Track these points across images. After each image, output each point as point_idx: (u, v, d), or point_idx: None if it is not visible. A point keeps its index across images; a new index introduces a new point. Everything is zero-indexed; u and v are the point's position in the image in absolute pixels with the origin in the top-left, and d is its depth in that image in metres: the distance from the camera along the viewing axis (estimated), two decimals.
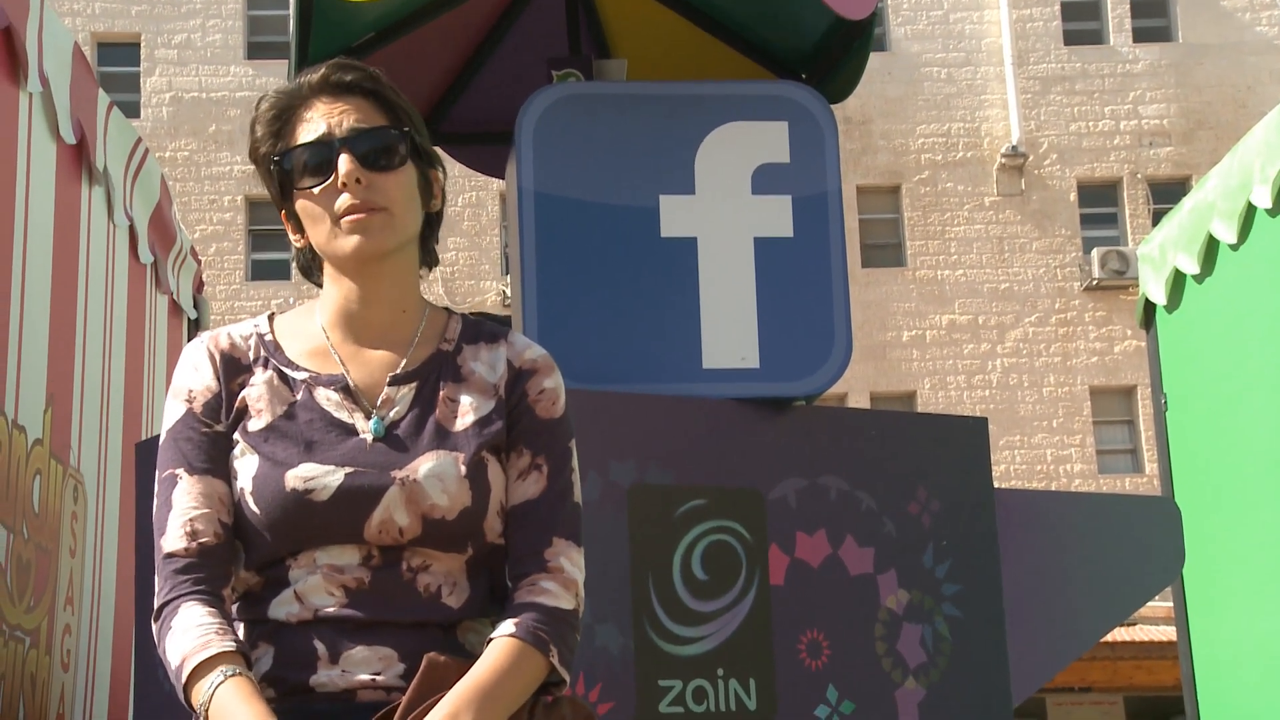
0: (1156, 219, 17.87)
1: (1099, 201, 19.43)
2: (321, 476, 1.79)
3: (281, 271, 18.77)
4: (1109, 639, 13.97)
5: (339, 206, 1.83)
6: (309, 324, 1.92)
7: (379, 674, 1.76)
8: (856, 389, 17.98)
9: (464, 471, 1.81)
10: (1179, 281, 5.19)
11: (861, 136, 19.17)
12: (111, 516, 4.56)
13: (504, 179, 3.65)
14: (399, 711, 1.69)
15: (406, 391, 1.87)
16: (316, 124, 1.85)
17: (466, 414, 1.86)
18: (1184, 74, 19.61)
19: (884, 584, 3.28)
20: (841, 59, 3.66)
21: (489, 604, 1.85)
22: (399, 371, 1.88)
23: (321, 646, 1.77)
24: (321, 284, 1.94)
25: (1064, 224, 19.15)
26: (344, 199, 1.82)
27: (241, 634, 1.82)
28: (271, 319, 1.95)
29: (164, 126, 18.93)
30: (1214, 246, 4.89)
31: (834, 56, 3.67)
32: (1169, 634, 13.56)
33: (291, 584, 1.80)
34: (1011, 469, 18.08)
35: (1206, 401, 5.04)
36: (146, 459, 3.27)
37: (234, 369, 1.88)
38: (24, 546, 3.69)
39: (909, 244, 19.11)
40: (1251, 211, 4.61)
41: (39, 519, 3.82)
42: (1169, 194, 18.46)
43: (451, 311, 1.98)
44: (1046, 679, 3.50)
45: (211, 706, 1.69)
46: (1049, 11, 19.82)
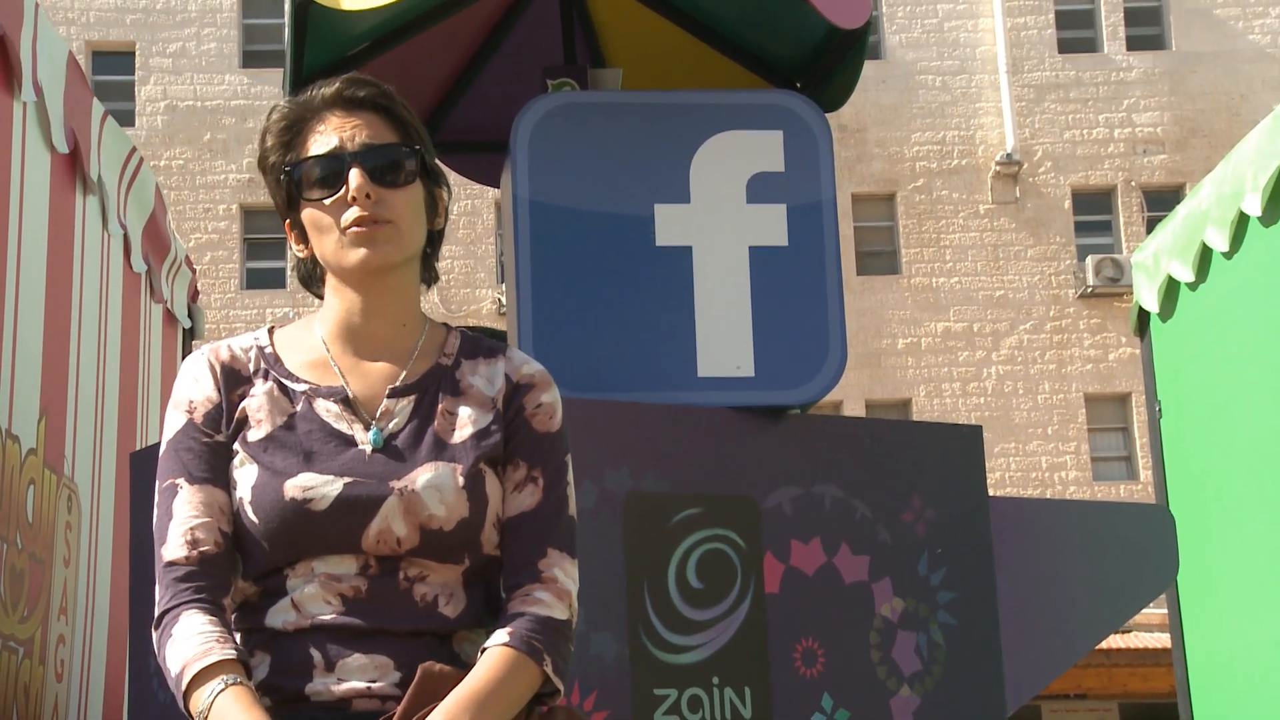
0: (1150, 226, 17.88)
1: (1093, 209, 19.47)
2: (320, 486, 1.80)
3: (276, 280, 18.78)
4: (1104, 646, 13.99)
5: (347, 219, 1.85)
6: (308, 336, 1.94)
7: (375, 682, 1.76)
8: (851, 397, 18.00)
9: (462, 483, 1.82)
10: (1173, 289, 5.19)
11: (856, 145, 19.20)
12: (106, 526, 4.55)
13: (499, 188, 3.65)
14: None
15: (405, 404, 1.88)
16: (329, 137, 1.87)
17: (464, 426, 1.87)
18: (1178, 82, 19.66)
19: (879, 592, 3.28)
20: (836, 67, 3.67)
21: (485, 615, 1.86)
22: (398, 384, 1.89)
23: (318, 655, 1.78)
24: (320, 295, 1.96)
25: (1058, 231, 19.18)
26: (352, 211, 1.85)
27: (239, 642, 1.82)
28: (271, 332, 1.97)
29: (158, 135, 18.93)
30: (1207, 254, 4.90)
31: (828, 65, 3.68)
32: (1163, 641, 13.57)
33: (289, 593, 1.81)
34: (1006, 476, 18.10)
35: (1201, 409, 5.05)
36: (141, 469, 3.27)
37: (234, 380, 1.90)
38: (18, 556, 3.69)
39: (904, 252, 19.13)
40: (1244, 219, 4.62)
41: (33, 529, 3.82)
42: (1163, 201, 18.50)
43: (450, 327, 1.99)
44: (1041, 686, 3.50)
45: (211, 714, 1.70)
46: (1043, 20, 19.87)
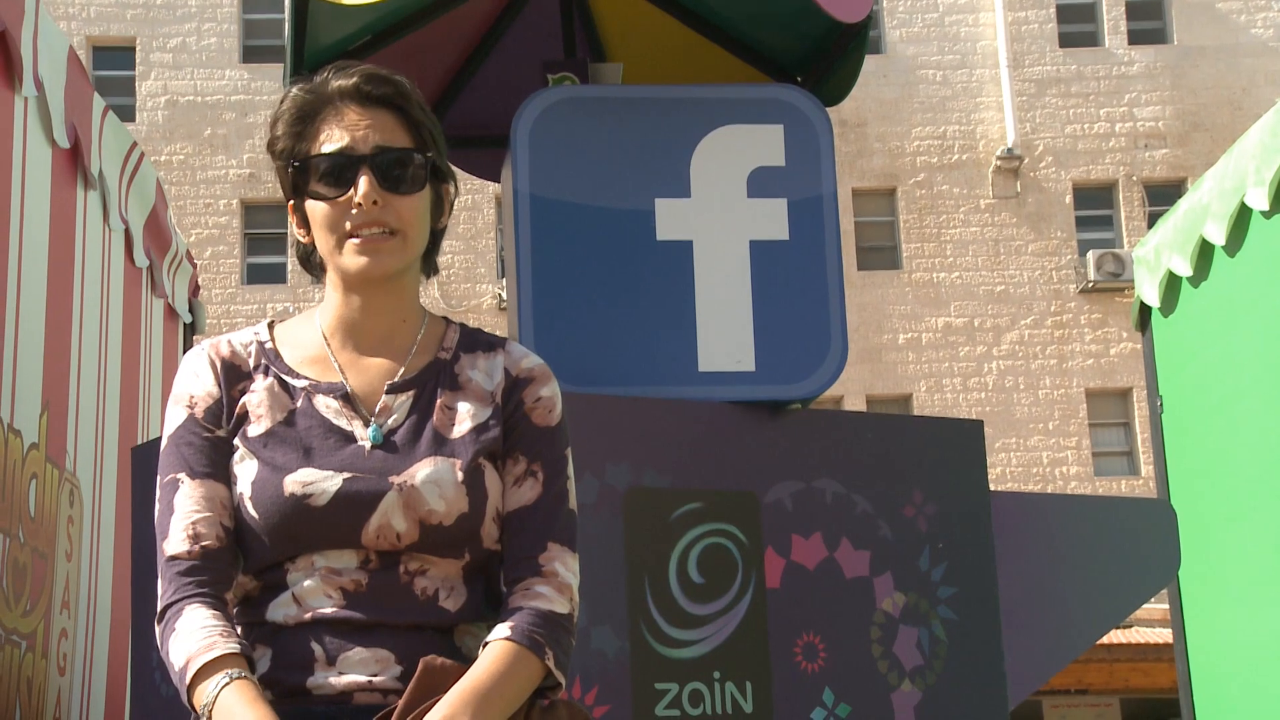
0: (1152, 221, 17.88)
1: (1094, 204, 19.44)
2: (320, 482, 1.80)
3: (277, 275, 18.77)
4: (1105, 641, 13.98)
5: (351, 223, 1.84)
6: (308, 331, 1.93)
7: (376, 676, 1.76)
8: (852, 391, 17.99)
9: (461, 478, 1.82)
10: (1174, 284, 5.19)
11: (857, 139, 19.18)
12: (107, 520, 4.55)
13: (499, 182, 3.65)
14: (396, 714, 1.69)
15: (404, 399, 1.88)
16: (340, 134, 1.84)
17: (464, 421, 1.87)
18: (1179, 76, 19.63)
19: (880, 587, 3.28)
20: (837, 62, 3.67)
21: (486, 608, 1.86)
22: (397, 380, 1.89)
23: (319, 648, 1.77)
24: (317, 276, 1.94)
25: (1059, 226, 19.17)
26: (358, 215, 1.83)
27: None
28: (271, 327, 1.96)
29: (159, 130, 18.92)
30: (1209, 249, 4.90)
31: (829, 59, 3.68)
32: (1165, 636, 13.56)
33: (289, 587, 1.81)
34: (1007, 471, 18.09)
35: (1202, 403, 5.05)
36: (142, 463, 3.27)
37: (234, 375, 1.89)
38: (20, 551, 3.69)
39: (904, 246, 19.12)
40: (1246, 213, 4.61)
41: (35, 523, 3.82)
42: (1164, 196, 18.48)
43: (450, 321, 1.98)
44: (1043, 681, 3.50)
45: (215, 708, 1.69)
46: (1044, 14, 19.84)
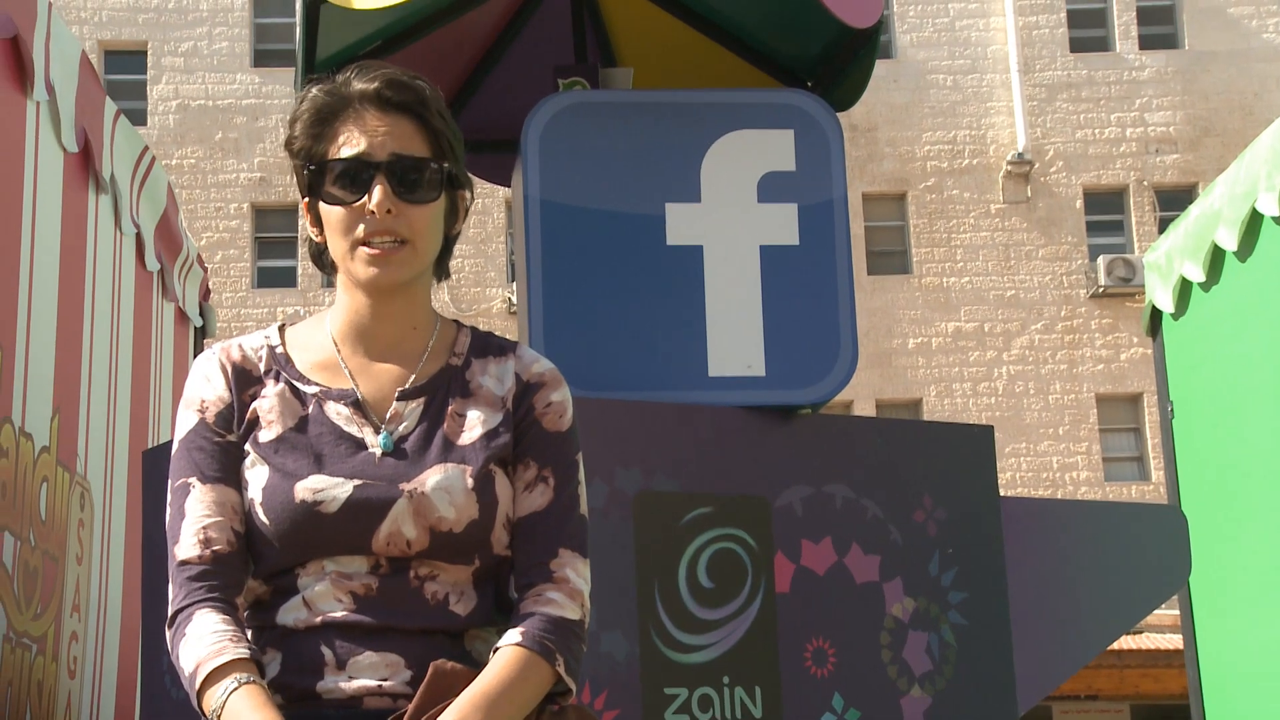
0: (1163, 226, 17.85)
1: (1105, 209, 19.42)
2: (330, 489, 1.80)
3: (288, 279, 18.80)
4: (1115, 647, 13.95)
5: (364, 230, 1.83)
6: (319, 335, 1.93)
7: (386, 680, 1.76)
8: (862, 396, 17.98)
9: (471, 484, 1.82)
10: (1185, 289, 5.18)
11: (867, 144, 19.17)
12: (118, 524, 4.56)
13: (510, 187, 3.65)
14: (406, 718, 1.69)
15: (415, 406, 1.88)
16: (358, 139, 1.83)
17: (474, 427, 1.86)
18: (1190, 81, 19.60)
19: (890, 592, 3.27)
20: (847, 67, 3.66)
21: (496, 613, 1.86)
22: (408, 386, 1.89)
23: (329, 653, 1.78)
24: (329, 274, 1.94)
25: (1070, 231, 19.14)
26: (371, 222, 1.82)
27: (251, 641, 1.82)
28: (282, 330, 1.96)
29: (170, 134, 18.97)
30: (1220, 254, 4.89)
31: (840, 64, 3.67)
32: (1175, 642, 13.53)
33: (300, 591, 1.81)
34: (1017, 476, 18.06)
35: (1213, 409, 5.04)
36: (153, 467, 3.27)
37: (245, 380, 1.89)
38: (31, 554, 3.70)
39: (915, 251, 19.11)
40: (1258, 219, 4.61)
41: (46, 526, 3.83)
42: (1175, 201, 18.46)
43: (461, 325, 1.98)
44: (1052, 687, 3.50)
45: (224, 713, 1.69)
46: (1055, 19, 19.82)
